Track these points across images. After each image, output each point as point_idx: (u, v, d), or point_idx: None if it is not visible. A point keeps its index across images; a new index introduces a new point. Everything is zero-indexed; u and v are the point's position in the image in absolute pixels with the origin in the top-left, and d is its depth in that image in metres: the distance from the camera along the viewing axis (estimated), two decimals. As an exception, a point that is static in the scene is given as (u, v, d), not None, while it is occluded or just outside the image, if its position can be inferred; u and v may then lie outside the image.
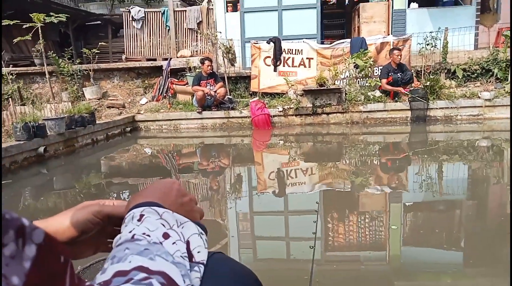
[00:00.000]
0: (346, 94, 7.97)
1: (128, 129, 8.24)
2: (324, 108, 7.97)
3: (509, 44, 8.19)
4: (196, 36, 10.55)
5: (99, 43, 9.85)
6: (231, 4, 10.22)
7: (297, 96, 8.09)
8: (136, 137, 8.04)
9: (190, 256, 0.54)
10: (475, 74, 8.32)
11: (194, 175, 5.24)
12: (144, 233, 0.51)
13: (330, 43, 8.94)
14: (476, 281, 2.46)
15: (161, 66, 9.45)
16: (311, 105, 7.98)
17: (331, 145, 6.72)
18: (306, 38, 8.91)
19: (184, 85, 8.92)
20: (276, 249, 2.99)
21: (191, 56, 10.12)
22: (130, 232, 0.51)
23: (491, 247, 2.85)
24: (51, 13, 7.25)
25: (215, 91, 8.03)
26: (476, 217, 3.52)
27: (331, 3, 10.37)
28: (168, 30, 10.71)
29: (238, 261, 0.68)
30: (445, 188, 4.28)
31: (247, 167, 5.59)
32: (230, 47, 8.98)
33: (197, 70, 8.59)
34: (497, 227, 3.24)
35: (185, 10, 10.66)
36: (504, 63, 8.04)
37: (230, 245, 3.03)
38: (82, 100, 9.00)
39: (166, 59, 9.72)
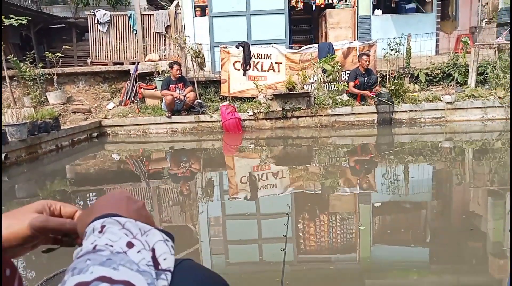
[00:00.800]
0: (314, 98, 8.10)
1: (95, 134, 8.02)
2: (293, 112, 8.07)
3: (468, 50, 8.60)
4: (164, 40, 10.43)
5: (63, 47, 9.54)
6: (199, 9, 10.19)
7: (267, 100, 8.15)
8: (103, 143, 7.83)
9: (156, 263, 0.52)
10: (437, 78, 8.67)
11: (164, 180, 5.16)
12: (106, 244, 0.49)
13: (299, 48, 9.08)
14: (441, 277, 2.55)
15: (129, 70, 9.28)
16: (281, 109, 8.05)
17: (301, 148, 6.80)
18: (275, 43, 9.01)
19: (153, 89, 8.79)
20: (248, 253, 2.98)
21: (160, 60, 9.99)
22: (91, 243, 0.49)
23: (455, 244, 2.97)
24: (11, 16, 6.97)
25: (184, 96, 7.96)
26: (440, 216, 3.65)
27: (298, 8, 10.52)
28: (135, 34, 10.53)
29: (210, 266, 0.67)
30: (411, 188, 4.42)
31: (218, 172, 5.56)
32: (199, 51, 8.93)
33: (165, 75, 8.49)
34: (460, 225, 3.37)
35: (153, 14, 10.52)
36: (464, 68, 8.42)
37: (201, 250, 3.00)
38: (46, 105, 8.68)
39: (133, 63, 9.55)
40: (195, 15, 10.08)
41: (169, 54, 10.42)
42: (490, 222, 3.46)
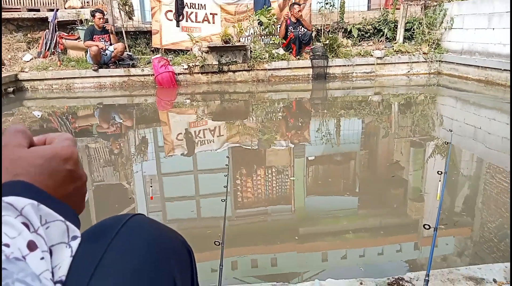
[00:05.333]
0: (251, 51, 7.98)
1: (11, 89, 7.26)
2: (230, 66, 7.91)
3: (397, 6, 8.87)
4: (87, -15, 9.45)
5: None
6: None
7: (202, 53, 7.86)
8: (21, 99, 7.13)
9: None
10: (368, 34, 8.92)
11: (94, 139, 4.87)
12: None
13: (234, -1, 8.74)
14: (367, 220, 2.75)
15: (47, 17, 8.34)
16: (217, 63, 7.85)
17: (238, 103, 6.75)
18: (209, -8, 8.57)
19: (76, 39, 8.06)
20: (187, 209, 2.97)
21: (82, 7, 9.08)
22: None
23: (379, 191, 3.20)
24: None
25: (112, 46, 7.41)
26: (367, 166, 3.89)
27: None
28: (52, -25, 9.40)
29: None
30: (342, 141, 4.63)
31: (152, 128, 5.36)
32: (127, -2, 8.26)
33: (89, 23, 7.79)
34: (384, 173, 3.63)
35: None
36: (393, 24, 8.73)
37: (137, 210, 2.92)
38: None
39: (51, 10, 8.59)
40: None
41: (92, 0, 9.51)
42: (410, 170, 3.76)
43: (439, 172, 2.03)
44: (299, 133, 5.02)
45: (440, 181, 2.03)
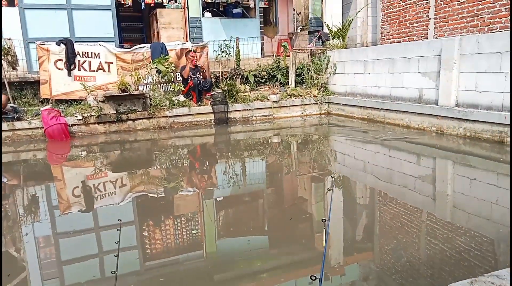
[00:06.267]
0: (151, 99, 7.89)
1: None
2: (129, 115, 7.69)
3: (287, 53, 9.68)
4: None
5: None
6: (6, -2, 8.75)
7: (98, 102, 7.53)
8: None
9: None
10: (264, 79, 9.52)
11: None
12: None
13: (130, 47, 8.68)
14: (280, 259, 2.81)
15: None
16: (115, 112, 7.57)
17: (140, 152, 6.53)
18: (103, 41, 8.40)
19: None
20: (86, 270, 2.70)
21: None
22: None
23: (288, 228, 3.31)
24: None
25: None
26: (274, 203, 4.03)
27: (126, 5, 10.06)
28: None
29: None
30: (248, 181, 4.74)
31: (44, 185, 4.88)
32: (9, 47, 7.65)
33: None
34: (291, 210, 3.78)
35: None
36: (285, 70, 9.47)
37: (30, 279, 2.58)
38: None
39: None
40: (1, 5, 8.60)
41: (-33, 49, 8.59)
42: (313, 204, 3.99)
43: (323, 220, 2.07)
44: (205, 177, 5.01)
45: (324, 228, 2.08)
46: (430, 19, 8.28)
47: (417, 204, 3.69)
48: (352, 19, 9.69)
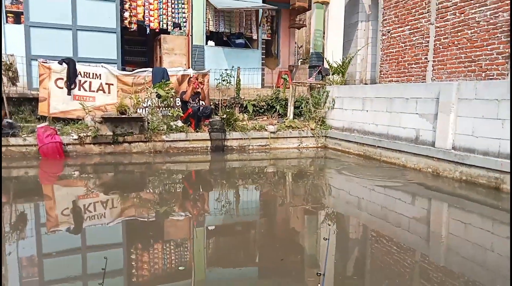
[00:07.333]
0: (148, 123, 7.88)
1: None
2: (125, 137, 7.64)
3: (287, 86, 9.80)
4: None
5: None
6: (12, 15, 8.86)
7: (95, 123, 7.50)
8: None
9: None
10: (263, 109, 9.57)
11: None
12: None
13: (132, 70, 8.75)
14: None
15: None
16: (112, 133, 7.53)
17: (134, 174, 6.45)
18: (106, 63, 8.47)
19: None
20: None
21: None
22: None
23: (280, 258, 3.21)
24: None
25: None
26: (266, 234, 3.93)
27: (131, 29, 10.24)
28: None
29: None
30: (241, 210, 4.65)
31: (33, 203, 4.76)
32: (11, 63, 7.69)
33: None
34: (284, 240, 3.69)
35: None
36: (284, 101, 9.55)
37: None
38: None
39: None
40: (7, 22, 8.73)
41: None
42: (306, 237, 3.90)
43: (318, 274, 1.99)
44: (198, 204, 4.92)
45: (319, 284, 2.00)
46: (428, 61, 8.47)
47: (424, 254, 3.62)
48: (353, 57, 9.88)
